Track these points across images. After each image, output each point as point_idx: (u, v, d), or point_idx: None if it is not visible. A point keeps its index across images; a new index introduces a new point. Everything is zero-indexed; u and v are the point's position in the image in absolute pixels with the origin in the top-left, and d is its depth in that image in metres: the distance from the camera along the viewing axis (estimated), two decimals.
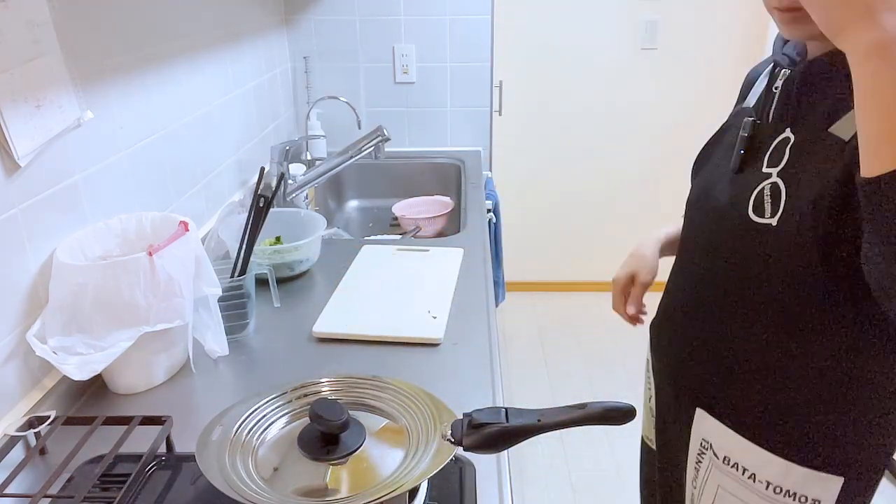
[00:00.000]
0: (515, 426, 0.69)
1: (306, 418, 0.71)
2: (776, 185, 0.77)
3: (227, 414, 0.75)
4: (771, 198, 0.78)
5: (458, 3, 2.14)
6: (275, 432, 0.74)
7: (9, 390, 0.89)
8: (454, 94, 2.25)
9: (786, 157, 0.78)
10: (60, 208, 0.98)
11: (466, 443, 0.69)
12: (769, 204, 0.78)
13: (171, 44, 1.33)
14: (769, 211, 0.78)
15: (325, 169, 1.77)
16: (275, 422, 0.75)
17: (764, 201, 0.78)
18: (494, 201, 2.07)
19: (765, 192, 0.79)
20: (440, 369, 1.05)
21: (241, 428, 0.73)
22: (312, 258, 1.40)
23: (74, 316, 0.90)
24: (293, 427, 0.74)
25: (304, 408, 0.76)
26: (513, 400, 2.56)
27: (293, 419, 0.76)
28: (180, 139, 1.36)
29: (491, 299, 1.27)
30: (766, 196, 0.78)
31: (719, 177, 0.89)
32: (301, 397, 0.78)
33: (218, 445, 0.70)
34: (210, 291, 1.03)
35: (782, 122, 0.82)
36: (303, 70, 2.20)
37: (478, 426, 0.69)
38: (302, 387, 0.80)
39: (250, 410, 0.76)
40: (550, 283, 3.41)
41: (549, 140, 3.12)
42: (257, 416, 0.75)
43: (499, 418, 0.70)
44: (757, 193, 0.80)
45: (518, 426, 0.70)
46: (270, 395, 0.78)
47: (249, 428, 0.74)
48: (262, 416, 0.76)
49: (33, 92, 0.89)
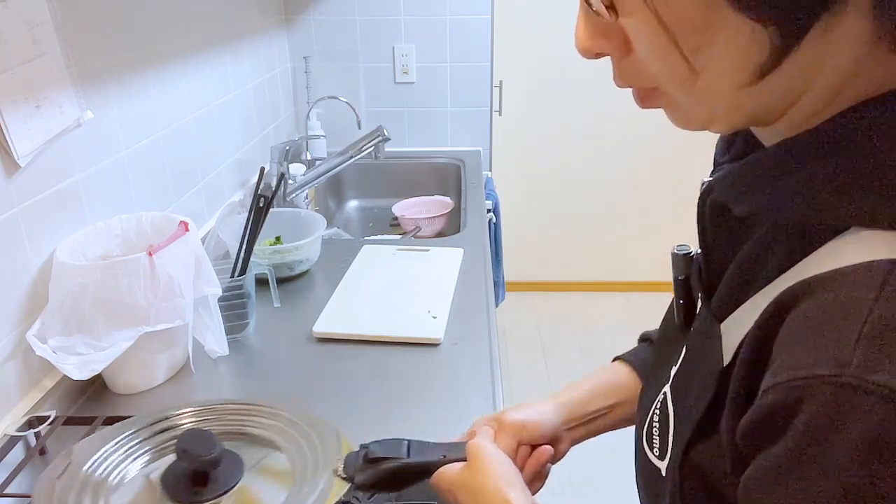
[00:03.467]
0: (416, 463, 0.60)
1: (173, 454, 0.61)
2: (665, 406, 0.51)
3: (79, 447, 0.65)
4: (659, 426, 0.51)
5: (458, 3, 2.14)
6: (135, 471, 0.64)
7: (9, 390, 0.89)
8: (454, 94, 2.25)
9: (682, 354, 0.51)
10: (60, 208, 0.98)
11: (359, 479, 0.60)
12: (657, 436, 0.51)
13: (171, 44, 1.33)
14: (657, 447, 0.51)
15: (325, 169, 1.77)
16: (137, 458, 0.66)
17: (653, 427, 0.52)
18: (494, 201, 2.07)
19: (655, 411, 0.52)
20: (440, 369, 1.05)
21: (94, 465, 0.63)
22: (312, 258, 1.40)
23: (74, 316, 0.90)
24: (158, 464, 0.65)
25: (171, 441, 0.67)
26: (513, 400, 2.56)
27: (158, 456, 0.67)
28: (180, 139, 1.36)
29: (491, 299, 1.27)
30: (655, 420, 0.52)
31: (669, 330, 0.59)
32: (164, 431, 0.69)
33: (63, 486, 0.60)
34: (210, 291, 1.03)
35: (700, 281, 0.52)
36: (303, 70, 2.20)
37: (374, 460, 0.61)
38: (165, 418, 0.70)
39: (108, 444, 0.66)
40: (550, 283, 3.41)
41: (549, 140, 3.12)
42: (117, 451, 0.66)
43: (399, 452, 0.61)
44: (652, 411, 0.53)
45: (419, 463, 0.60)
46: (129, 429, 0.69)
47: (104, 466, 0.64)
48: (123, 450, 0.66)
49: (33, 92, 0.89)
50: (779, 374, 0.35)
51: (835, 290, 0.35)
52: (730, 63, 0.37)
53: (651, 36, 0.39)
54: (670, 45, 0.38)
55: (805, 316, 0.36)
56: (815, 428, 0.33)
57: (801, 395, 0.34)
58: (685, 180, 3.18)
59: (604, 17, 0.40)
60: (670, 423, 0.49)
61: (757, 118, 0.42)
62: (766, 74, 0.37)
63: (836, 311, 0.34)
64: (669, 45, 0.38)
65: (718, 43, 0.37)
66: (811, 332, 0.35)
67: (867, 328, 0.32)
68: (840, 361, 0.32)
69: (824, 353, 0.33)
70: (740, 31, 0.36)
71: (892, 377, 0.31)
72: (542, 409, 0.70)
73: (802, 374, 0.34)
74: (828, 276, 0.36)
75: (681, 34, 0.38)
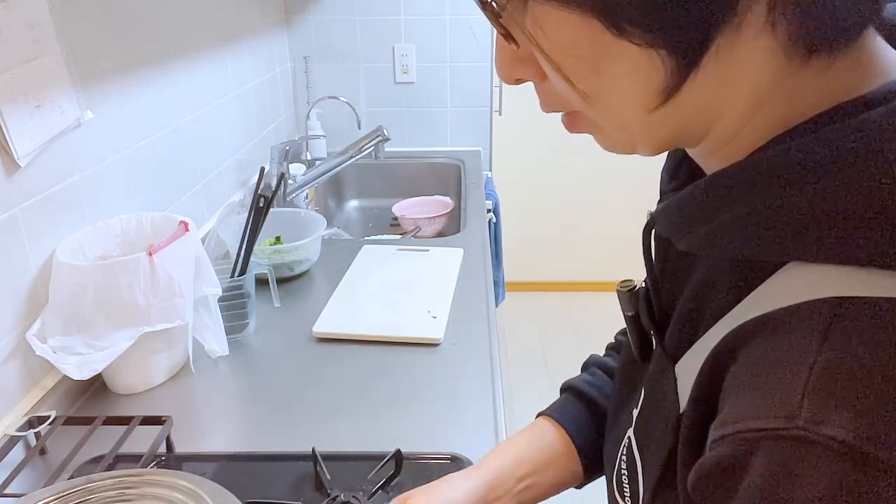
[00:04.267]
0: None
1: None
2: (631, 451, 0.48)
3: None
4: (628, 473, 0.48)
5: (458, 3, 2.14)
6: None
7: (9, 390, 0.89)
8: (454, 94, 2.25)
9: (641, 397, 0.48)
10: (60, 208, 0.98)
11: None
12: (627, 484, 0.48)
13: (171, 44, 1.33)
14: (629, 496, 0.48)
15: (325, 169, 1.77)
16: None
17: (622, 475, 0.49)
18: (494, 201, 2.07)
19: (623, 458, 0.49)
20: (440, 369, 1.05)
21: None
22: (312, 258, 1.40)
23: (74, 316, 0.90)
24: None
25: None
26: (513, 400, 2.56)
27: None
28: (180, 139, 1.36)
29: (491, 299, 1.27)
30: (623, 468, 0.49)
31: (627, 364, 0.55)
32: None
33: None
34: (210, 291, 1.03)
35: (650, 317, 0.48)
36: (303, 70, 2.20)
37: None
38: None
39: None
40: (550, 283, 3.41)
41: (549, 140, 3.12)
42: None
43: None
44: (619, 457, 0.50)
45: None
46: None
47: None
48: None
49: (33, 92, 0.89)
50: (726, 424, 0.33)
51: (778, 334, 0.33)
52: (631, 87, 0.36)
53: (546, 66, 0.38)
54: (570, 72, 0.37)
55: (750, 362, 0.34)
56: (772, 484, 0.31)
57: (750, 449, 0.32)
58: None
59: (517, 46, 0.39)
60: (638, 470, 0.47)
61: (678, 140, 0.41)
62: (671, 96, 0.36)
63: (782, 358, 0.33)
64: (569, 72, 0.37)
65: (615, 68, 0.36)
66: (757, 381, 0.33)
67: (814, 377, 0.31)
68: (789, 413, 0.31)
69: (771, 404, 0.32)
70: (634, 56, 0.35)
71: (843, 429, 0.29)
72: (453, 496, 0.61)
73: (751, 426, 0.32)
74: (771, 318, 0.34)
75: (570, 65, 0.37)
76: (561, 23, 0.35)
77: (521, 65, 0.40)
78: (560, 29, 0.35)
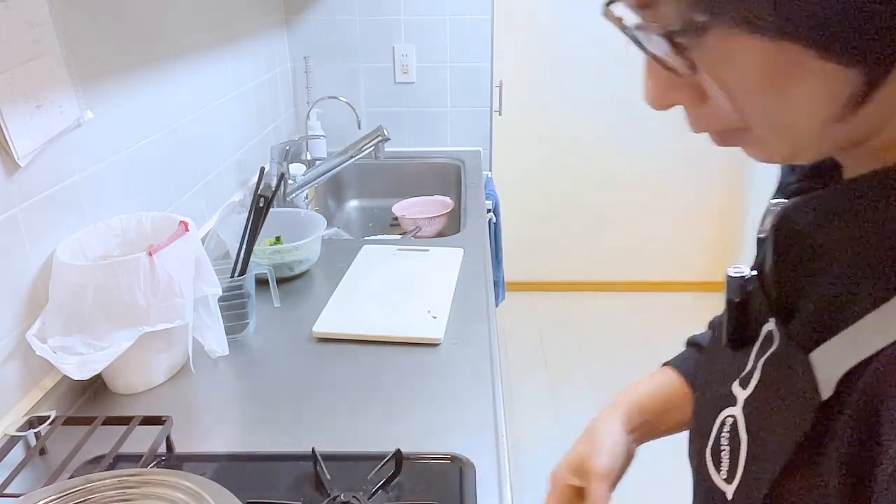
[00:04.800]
0: None
1: None
2: (735, 429, 0.49)
3: None
4: (730, 447, 0.49)
5: (458, 3, 2.14)
6: None
7: (9, 390, 0.89)
8: (454, 94, 2.25)
9: (755, 377, 0.48)
10: (60, 208, 0.98)
11: None
12: (727, 457, 0.49)
13: (171, 44, 1.33)
14: (725, 469, 0.49)
15: (325, 169, 1.77)
16: None
17: (720, 448, 0.50)
18: (494, 201, 2.07)
19: (723, 432, 0.50)
20: (440, 369, 1.05)
21: None
22: (312, 258, 1.40)
23: (74, 316, 0.90)
24: None
25: None
26: (513, 400, 2.56)
27: None
28: (180, 139, 1.36)
29: (491, 299, 1.27)
30: (723, 440, 0.50)
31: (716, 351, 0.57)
32: None
33: None
34: (210, 291, 1.03)
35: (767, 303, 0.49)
36: (303, 70, 2.20)
37: None
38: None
39: None
40: (550, 283, 3.41)
41: (549, 140, 3.12)
42: None
43: None
44: (718, 427, 0.51)
45: None
46: None
47: None
48: None
49: (33, 92, 0.89)
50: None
51: None
52: (814, 103, 0.36)
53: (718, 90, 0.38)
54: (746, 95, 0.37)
55: None
56: None
57: None
58: (685, 180, 3.18)
59: (679, 73, 0.39)
60: (742, 448, 0.47)
61: (845, 145, 0.41)
62: (855, 109, 0.36)
63: None
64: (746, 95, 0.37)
65: (801, 87, 0.36)
66: None
67: None
68: None
69: None
70: (824, 74, 0.35)
71: None
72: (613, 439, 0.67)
73: None
74: None
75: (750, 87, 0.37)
76: (747, 49, 0.35)
77: (676, 90, 0.41)
78: (745, 55, 0.35)
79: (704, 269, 3.34)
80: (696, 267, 3.35)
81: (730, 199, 3.17)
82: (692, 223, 3.26)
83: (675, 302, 3.29)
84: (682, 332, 0.89)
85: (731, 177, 3.14)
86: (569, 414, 2.48)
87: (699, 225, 3.26)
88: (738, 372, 0.50)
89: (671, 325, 3.09)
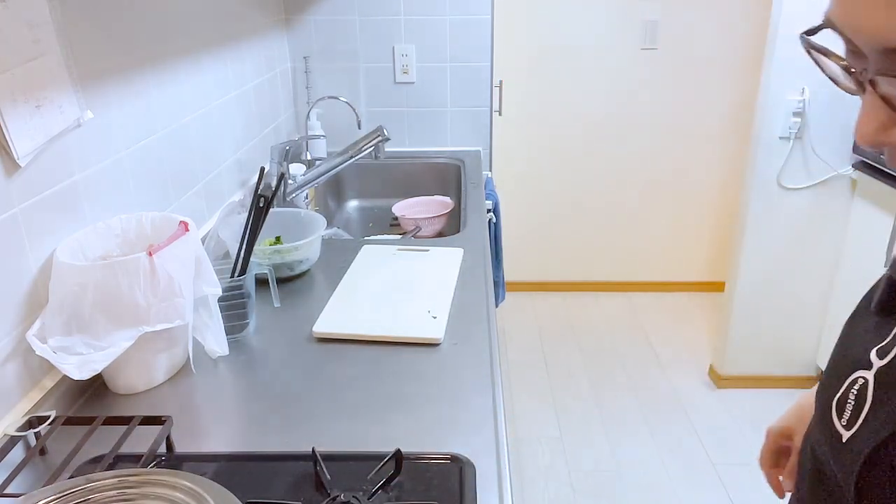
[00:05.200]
0: None
1: None
2: (865, 391, 0.54)
3: None
4: (855, 403, 0.54)
5: (458, 3, 2.14)
6: None
7: (9, 390, 0.89)
8: (454, 94, 2.25)
9: (893, 352, 0.53)
10: (60, 208, 0.98)
11: None
12: (850, 409, 0.54)
13: (171, 44, 1.33)
14: (846, 418, 0.54)
15: (325, 169, 1.77)
16: None
17: (847, 401, 0.55)
18: (494, 201, 2.07)
19: (853, 389, 0.55)
20: (440, 369, 1.05)
21: None
22: (312, 258, 1.40)
23: (74, 316, 0.90)
24: None
25: None
26: (513, 400, 2.56)
27: None
28: (180, 139, 1.36)
29: (491, 299, 1.27)
30: (850, 395, 0.55)
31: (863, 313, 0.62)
32: None
33: None
34: (210, 291, 1.03)
35: None
36: (303, 70, 2.20)
37: None
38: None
39: None
40: (550, 283, 3.41)
41: (549, 140, 3.12)
42: None
43: None
44: (849, 384, 0.56)
45: None
46: None
47: None
48: None
49: (33, 92, 0.89)
50: None
51: None
52: None
53: None
54: None
55: None
56: None
57: None
58: (685, 180, 3.18)
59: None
60: (865, 407, 0.53)
61: None
62: None
63: None
64: None
65: None
66: None
67: None
68: None
69: None
70: None
71: None
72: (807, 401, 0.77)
73: None
74: None
75: None
76: None
77: (892, 129, 0.42)
78: None
79: (704, 269, 3.34)
80: (695, 267, 3.35)
81: (730, 200, 3.17)
82: (692, 223, 3.26)
83: (675, 302, 3.30)
84: (682, 332, 0.89)
85: (731, 177, 3.14)
86: (569, 414, 2.49)
87: (699, 225, 3.26)
88: (879, 339, 0.55)
89: (671, 325, 3.10)
